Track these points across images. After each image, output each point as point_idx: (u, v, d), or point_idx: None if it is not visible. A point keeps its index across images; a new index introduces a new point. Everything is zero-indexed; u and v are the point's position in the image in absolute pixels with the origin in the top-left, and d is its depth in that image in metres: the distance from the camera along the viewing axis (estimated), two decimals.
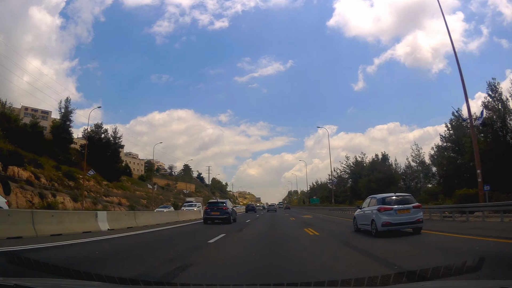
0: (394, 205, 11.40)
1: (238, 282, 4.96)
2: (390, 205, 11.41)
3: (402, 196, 12.18)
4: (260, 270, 6.02)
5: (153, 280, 4.24)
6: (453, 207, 19.94)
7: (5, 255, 6.05)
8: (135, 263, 6.59)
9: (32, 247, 7.91)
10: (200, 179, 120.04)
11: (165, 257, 7.36)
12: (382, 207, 11.34)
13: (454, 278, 3.95)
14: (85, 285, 3.28)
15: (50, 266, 3.94)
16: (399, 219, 11.11)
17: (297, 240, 11.59)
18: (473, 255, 5.37)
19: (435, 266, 4.23)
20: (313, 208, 62.17)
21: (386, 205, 11.41)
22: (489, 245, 8.31)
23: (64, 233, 11.15)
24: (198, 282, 4.71)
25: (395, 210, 11.21)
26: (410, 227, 11.37)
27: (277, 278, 5.10)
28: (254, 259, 7.31)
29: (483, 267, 3.95)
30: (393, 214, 11.14)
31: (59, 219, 11.86)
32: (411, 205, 11.44)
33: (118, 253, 8.08)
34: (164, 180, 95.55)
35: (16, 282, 2.46)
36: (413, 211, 11.27)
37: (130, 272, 5.40)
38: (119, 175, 60.34)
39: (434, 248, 8.45)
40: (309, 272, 5.82)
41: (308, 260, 7.07)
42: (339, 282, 4.05)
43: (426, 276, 4.08)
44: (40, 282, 2.97)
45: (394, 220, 11.05)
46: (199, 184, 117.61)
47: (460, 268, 4.02)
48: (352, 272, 5.65)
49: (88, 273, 3.59)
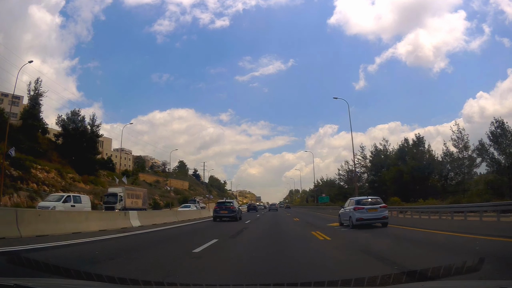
0: (366, 205, 15.19)
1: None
2: (362, 205, 15.19)
3: (372, 199, 16.35)
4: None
5: (153, 280, 4.11)
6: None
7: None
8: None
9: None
10: (196, 176, 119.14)
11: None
12: (357, 207, 15.15)
13: (454, 278, 4.02)
14: (85, 285, 3.37)
15: (50, 266, 3.79)
16: (369, 216, 14.92)
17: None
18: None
19: (435, 266, 4.32)
20: (323, 208, 51.02)
21: (359, 205, 15.22)
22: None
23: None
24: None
25: (366, 209, 14.99)
26: (378, 222, 15.11)
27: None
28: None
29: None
30: (364, 212, 14.92)
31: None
32: (379, 206, 15.29)
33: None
34: (154, 176, 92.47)
35: (16, 282, 2.51)
36: (380, 210, 15.08)
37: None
38: (95, 168, 55.42)
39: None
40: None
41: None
42: (339, 282, 4.25)
43: (426, 276, 4.15)
44: (40, 282, 3.03)
45: (365, 217, 14.86)
46: (194, 181, 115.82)
47: (460, 268, 4.12)
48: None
49: (88, 273, 3.53)
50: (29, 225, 10.22)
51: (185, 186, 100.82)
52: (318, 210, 50.37)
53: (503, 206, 16.01)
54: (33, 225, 10.38)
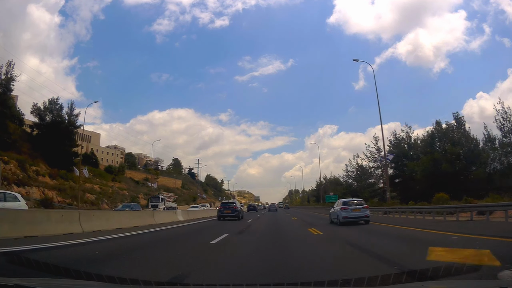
0: (351, 206, 18.09)
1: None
2: (348, 206, 18.10)
3: (357, 201, 19.30)
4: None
5: (154, 280, 4.04)
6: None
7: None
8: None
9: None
10: (191, 175, 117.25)
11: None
12: (343, 207, 18.11)
13: (454, 278, 4.09)
14: (85, 285, 3.41)
15: (50, 265, 3.67)
16: (353, 215, 17.79)
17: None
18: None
19: (435, 266, 4.38)
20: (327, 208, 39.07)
21: (345, 206, 18.15)
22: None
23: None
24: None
25: (351, 209, 17.92)
26: (361, 220, 17.93)
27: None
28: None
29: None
30: (349, 211, 17.82)
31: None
32: (362, 206, 18.25)
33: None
34: (143, 174, 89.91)
35: (16, 282, 2.57)
36: (362, 210, 18.07)
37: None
38: (71, 161, 49.79)
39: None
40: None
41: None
42: (339, 282, 4.38)
43: (426, 275, 4.21)
44: (40, 282, 3.07)
45: (350, 215, 17.72)
46: (189, 180, 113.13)
47: (460, 268, 4.18)
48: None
49: (88, 273, 3.46)
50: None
51: (177, 184, 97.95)
52: (324, 210, 40.11)
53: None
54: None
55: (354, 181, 54.15)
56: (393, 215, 25.56)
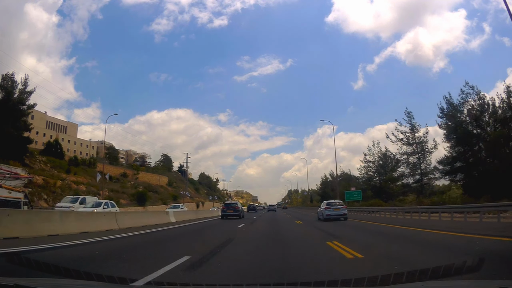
0: (333, 206, 24.39)
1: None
2: (331, 206, 24.44)
3: (339, 202, 25.93)
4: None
5: (154, 280, 4.08)
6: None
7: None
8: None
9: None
10: (181, 172, 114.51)
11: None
12: (326, 207, 24.48)
13: (454, 278, 4.12)
14: (85, 285, 3.47)
15: (50, 265, 3.71)
16: (334, 213, 23.79)
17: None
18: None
19: (435, 266, 4.42)
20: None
21: (328, 206, 24.54)
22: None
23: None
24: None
25: (333, 209, 24.16)
26: (340, 217, 23.82)
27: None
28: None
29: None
30: (331, 210, 24.02)
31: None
32: (341, 206, 24.54)
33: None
34: (121, 168, 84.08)
35: (16, 282, 2.59)
36: (341, 209, 24.09)
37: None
38: (25, 149, 42.87)
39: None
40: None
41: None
42: (339, 282, 4.37)
43: (426, 275, 4.24)
44: (40, 282, 3.11)
45: (332, 213, 23.81)
46: (179, 178, 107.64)
47: (460, 268, 4.22)
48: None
49: (88, 273, 3.47)
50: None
51: (162, 181, 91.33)
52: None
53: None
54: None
55: (375, 173, 45.18)
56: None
